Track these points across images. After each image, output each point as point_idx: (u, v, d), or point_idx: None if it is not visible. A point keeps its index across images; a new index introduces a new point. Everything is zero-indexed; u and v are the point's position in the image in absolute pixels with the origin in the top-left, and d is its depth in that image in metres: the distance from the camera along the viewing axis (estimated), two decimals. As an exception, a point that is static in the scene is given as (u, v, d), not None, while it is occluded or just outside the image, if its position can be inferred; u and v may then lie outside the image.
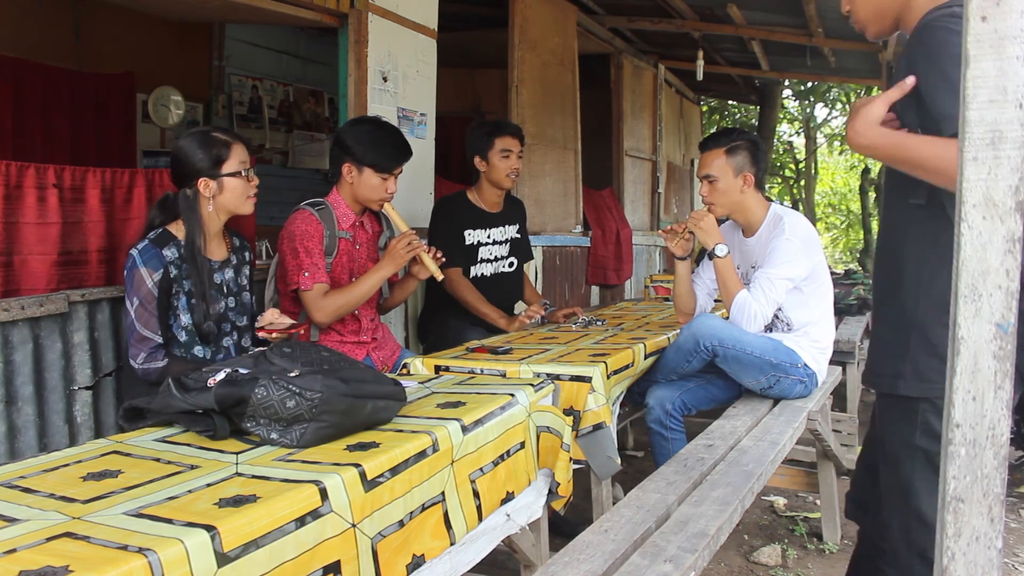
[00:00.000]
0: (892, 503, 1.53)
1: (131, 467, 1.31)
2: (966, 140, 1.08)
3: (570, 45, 5.38)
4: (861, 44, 5.91)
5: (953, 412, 1.10)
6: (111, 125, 4.46)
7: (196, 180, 2.05)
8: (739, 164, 2.58)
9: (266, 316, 2.15)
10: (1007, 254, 1.06)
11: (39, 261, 2.18)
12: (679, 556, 1.48)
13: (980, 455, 1.09)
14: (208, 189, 2.06)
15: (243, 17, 3.88)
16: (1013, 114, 1.05)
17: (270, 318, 2.14)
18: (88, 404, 2.22)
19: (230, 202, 2.10)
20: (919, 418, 1.43)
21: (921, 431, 1.43)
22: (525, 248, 3.36)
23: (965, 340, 1.08)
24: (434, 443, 1.51)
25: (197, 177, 2.06)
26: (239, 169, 2.09)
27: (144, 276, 1.96)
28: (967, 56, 1.07)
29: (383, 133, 2.53)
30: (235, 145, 2.10)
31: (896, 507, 1.51)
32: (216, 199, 2.08)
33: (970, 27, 1.06)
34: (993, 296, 1.07)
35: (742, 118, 12.90)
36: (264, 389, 1.43)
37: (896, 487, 1.50)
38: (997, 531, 1.09)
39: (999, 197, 1.06)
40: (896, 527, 1.52)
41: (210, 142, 2.08)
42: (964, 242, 1.07)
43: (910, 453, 1.45)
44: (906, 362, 1.44)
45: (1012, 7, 1.04)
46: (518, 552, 1.90)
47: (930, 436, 1.40)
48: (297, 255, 2.39)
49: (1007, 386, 1.07)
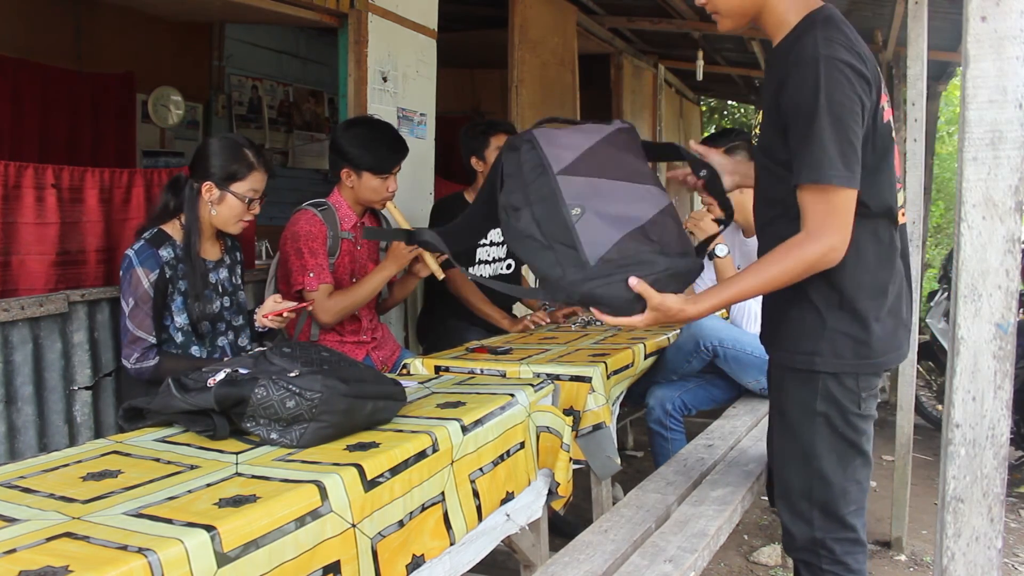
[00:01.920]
0: (793, 467, 1.59)
1: (131, 467, 1.31)
2: (966, 140, 1.08)
3: (570, 45, 5.37)
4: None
5: (953, 412, 1.10)
6: (111, 125, 4.46)
7: (204, 181, 2.06)
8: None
9: (267, 304, 2.15)
10: (1007, 254, 1.06)
11: (37, 261, 2.18)
12: (679, 556, 1.48)
13: (980, 455, 1.09)
14: (210, 194, 2.06)
15: (243, 17, 3.88)
16: (1013, 114, 1.05)
17: (271, 305, 2.14)
18: (88, 404, 2.22)
19: (222, 216, 2.10)
20: (819, 386, 1.51)
21: (822, 397, 1.52)
22: None
23: (965, 340, 1.08)
24: (434, 443, 1.51)
25: (206, 178, 2.06)
26: (246, 195, 2.09)
27: (141, 276, 1.96)
28: (967, 56, 1.07)
29: (377, 134, 2.53)
30: (256, 172, 2.10)
31: (797, 470, 1.58)
32: (213, 207, 2.08)
33: (970, 27, 1.06)
34: (993, 296, 1.07)
35: (742, 118, 12.90)
36: (264, 389, 1.43)
37: (797, 452, 1.57)
38: (997, 531, 1.09)
39: (999, 197, 1.06)
40: (797, 487, 1.58)
41: (235, 156, 2.08)
42: (964, 242, 1.07)
43: (811, 419, 1.53)
44: (823, 341, 1.51)
45: (1012, 7, 1.04)
46: (518, 552, 1.90)
47: (829, 401, 1.51)
48: (301, 255, 2.39)
49: (1007, 386, 1.07)
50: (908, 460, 3.09)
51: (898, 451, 3.11)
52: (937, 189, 9.80)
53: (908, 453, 3.10)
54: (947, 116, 10.83)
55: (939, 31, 4.38)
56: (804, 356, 1.53)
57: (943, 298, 4.68)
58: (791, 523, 1.61)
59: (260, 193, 2.13)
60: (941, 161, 10.60)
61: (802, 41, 1.45)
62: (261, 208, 2.17)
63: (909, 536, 3.13)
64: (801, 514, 1.59)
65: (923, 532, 3.27)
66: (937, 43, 4.40)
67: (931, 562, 2.99)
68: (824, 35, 1.43)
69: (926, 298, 5.43)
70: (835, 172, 1.38)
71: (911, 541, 3.13)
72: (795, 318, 1.55)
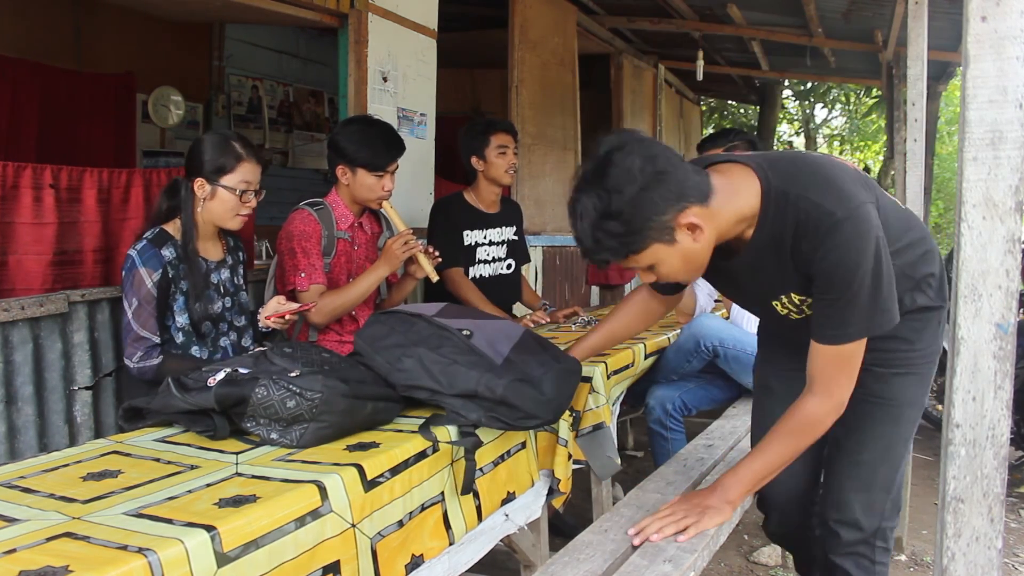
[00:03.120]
0: (890, 460, 1.72)
1: (131, 467, 1.31)
2: (966, 140, 1.08)
3: (570, 45, 5.37)
4: (861, 44, 5.92)
5: (953, 412, 1.10)
6: (111, 125, 4.46)
7: (195, 178, 2.05)
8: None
9: (269, 306, 2.13)
10: (1007, 254, 1.06)
11: (34, 261, 2.18)
12: (679, 556, 1.48)
13: (980, 455, 1.09)
14: (202, 191, 2.06)
15: (243, 17, 3.88)
16: (1013, 114, 1.05)
17: (274, 307, 2.12)
18: (88, 404, 2.22)
19: (216, 212, 2.09)
20: (928, 381, 1.71)
21: (926, 391, 1.74)
22: (523, 250, 3.36)
23: (965, 340, 1.08)
24: (434, 443, 1.51)
25: (197, 175, 2.05)
26: (237, 187, 2.07)
27: (144, 276, 1.96)
28: (967, 56, 1.07)
29: (373, 131, 2.52)
30: (245, 163, 2.09)
31: (893, 463, 1.73)
32: (206, 203, 2.07)
33: (970, 27, 1.06)
34: (993, 296, 1.07)
35: (742, 118, 12.90)
36: (264, 389, 1.43)
37: (897, 445, 1.73)
38: (997, 531, 1.09)
39: (999, 197, 1.06)
40: (883, 480, 1.71)
41: (223, 149, 2.07)
42: (964, 242, 1.07)
43: (917, 411, 1.73)
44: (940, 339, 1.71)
45: (1012, 7, 1.04)
46: (518, 552, 1.90)
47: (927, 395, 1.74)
48: (295, 255, 2.38)
49: (1007, 386, 1.07)
50: (908, 460, 3.09)
51: (898, 451, 3.11)
52: (937, 189, 9.81)
53: (908, 453, 3.09)
54: (947, 116, 10.84)
55: (939, 31, 4.39)
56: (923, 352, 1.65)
57: (943, 298, 4.67)
58: (864, 517, 1.67)
59: (253, 185, 2.11)
60: (941, 161, 10.61)
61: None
62: (259, 203, 2.16)
63: (909, 536, 3.13)
64: (875, 506, 1.66)
65: (923, 532, 3.27)
66: (937, 43, 4.41)
67: (931, 562, 2.99)
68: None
69: (926, 298, 5.42)
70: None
71: (911, 541, 3.14)
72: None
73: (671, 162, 1.36)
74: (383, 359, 1.68)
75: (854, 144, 14.21)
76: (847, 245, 1.35)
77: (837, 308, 1.40)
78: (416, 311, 1.81)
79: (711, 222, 1.40)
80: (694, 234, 1.38)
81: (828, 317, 1.42)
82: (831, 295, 1.40)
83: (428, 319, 1.76)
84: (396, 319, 1.80)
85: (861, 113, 12.64)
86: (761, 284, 1.54)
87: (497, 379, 1.59)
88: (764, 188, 1.43)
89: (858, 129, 13.19)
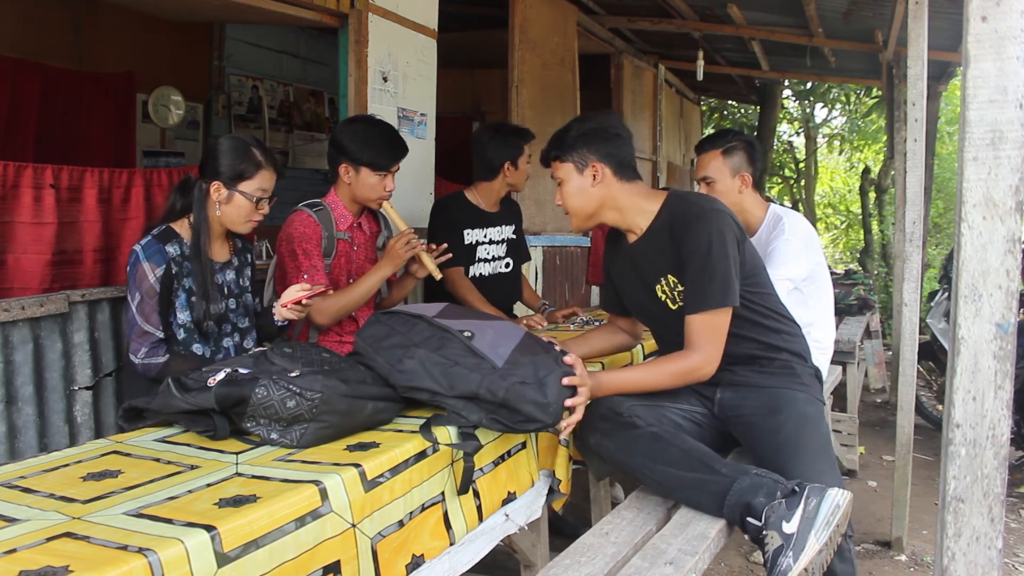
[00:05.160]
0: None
1: (131, 467, 1.31)
2: (966, 140, 1.08)
3: (570, 45, 5.38)
4: (861, 44, 5.91)
5: (953, 412, 1.10)
6: (111, 125, 4.46)
7: (212, 181, 2.05)
8: (736, 165, 2.57)
9: (289, 292, 2.10)
10: (1007, 254, 1.06)
11: (32, 260, 2.18)
12: (679, 558, 1.48)
13: (980, 455, 1.09)
14: (219, 194, 2.06)
15: (243, 17, 3.88)
16: (1013, 114, 1.05)
17: (294, 293, 2.09)
18: (88, 404, 2.22)
19: (231, 216, 2.09)
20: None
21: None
22: (522, 250, 3.36)
23: (965, 340, 1.08)
24: (434, 443, 1.51)
25: (215, 178, 2.05)
26: (254, 194, 2.08)
27: (147, 271, 1.96)
28: (968, 56, 1.07)
29: (378, 131, 2.52)
30: (264, 171, 2.10)
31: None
32: (222, 207, 2.07)
33: (970, 27, 1.06)
34: (993, 296, 1.07)
35: (742, 118, 12.90)
36: (264, 389, 1.43)
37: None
38: (997, 531, 1.09)
39: (999, 197, 1.06)
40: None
41: (243, 155, 2.07)
42: (964, 242, 1.07)
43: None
44: None
45: (1012, 7, 1.04)
46: (518, 552, 1.90)
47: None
48: (296, 257, 2.38)
49: (1007, 386, 1.07)
50: (908, 460, 3.09)
51: (898, 451, 3.11)
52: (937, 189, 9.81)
53: (908, 453, 3.10)
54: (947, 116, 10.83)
55: (939, 31, 4.38)
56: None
57: (943, 298, 4.68)
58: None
59: (268, 192, 2.12)
60: (941, 161, 10.60)
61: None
62: (270, 208, 2.17)
63: (909, 536, 3.13)
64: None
65: (923, 532, 3.27)
66: (937, 43, 4.41)
67: (931, 562, 2.99)
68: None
69: (926, 298, 5.43)
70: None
71: (911, 541, 3.14)
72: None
73: (624, 142, 1.96)
74: (384, 360, 1.68)
75: (854, 144, 14.20)
76: (703, 228, 1.82)
77: (699, 281, 1.81)
78: (417, 312, 1.80)
79: (616, 191, 1.94)
80: (594, 179, 1.93)
81: (693, 291, 1.83)
82: (694, 267, 1.81)
83: (429, 320, 1.76)
84: (397, 320, 1.79)
85: (861, 113, 12.63)
86: (651, 264, 1.94)
87: (499, 381, 1.58)
88: (666, 196, 1.96)
89: (858, 129, 13.18)
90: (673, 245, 1.86)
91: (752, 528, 1.57)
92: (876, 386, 6.07)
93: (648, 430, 1.80)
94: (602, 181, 1.92)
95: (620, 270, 2.10)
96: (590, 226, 2.03)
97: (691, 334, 1.84)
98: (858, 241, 13.27)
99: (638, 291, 2.03)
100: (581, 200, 1.95)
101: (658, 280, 1.93)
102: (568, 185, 1.96)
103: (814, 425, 1.85)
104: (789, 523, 1.50)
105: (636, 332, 2.28)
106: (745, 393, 1.94)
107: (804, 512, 1.50)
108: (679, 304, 1.90)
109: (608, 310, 2.27)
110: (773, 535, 1.50)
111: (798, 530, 1.49)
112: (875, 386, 6.07)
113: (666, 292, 1.93)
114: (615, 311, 2.24)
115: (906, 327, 3.17)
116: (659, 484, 1.77)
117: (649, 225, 1.94)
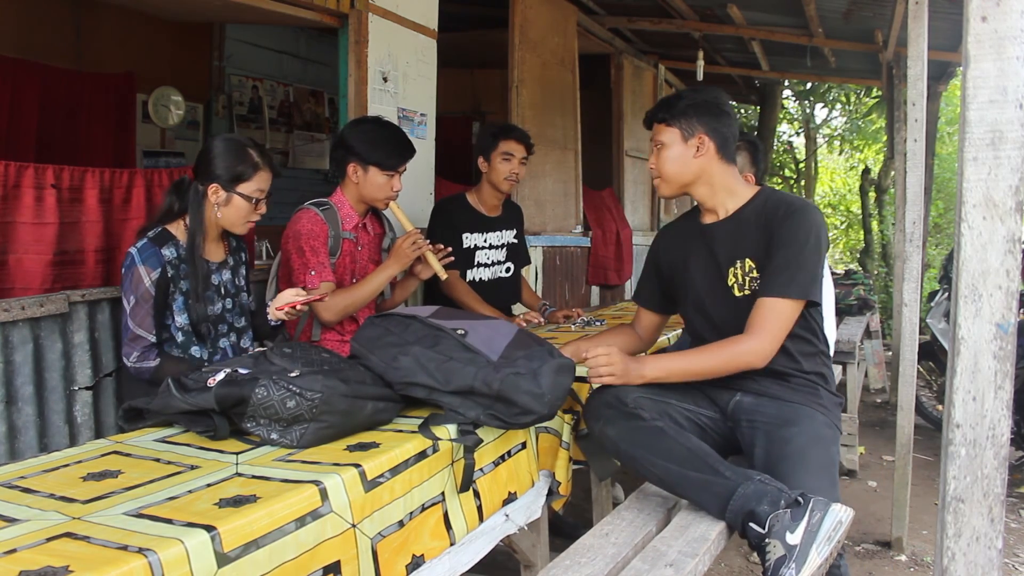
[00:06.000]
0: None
1: (131, 467, 1.31)
2: (966, 140, 1.08)
3: (570, 45, 5.37)
4: (861, 44, 5.91)
5: (953, 412, 1.10)
6: (111, 125, 4.45)
7: (209, 183, 2.05)
8: (739, 165, 2.57)
9: (285, 295, 2.09)
10: (1007, 254, 1.06)
11: (33, 261, 2.17)
12: (680, 560, 1.48)
13: (980, 455, 1.09)
14: (216, 196, 2.06)
15: (243, 17, 3.88)
16: (1013, 114, 1.05)
17: (289, 297, 2.09)
18: (88, 404, 2.22)
19: (229, 218, 2.09)
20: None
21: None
22: (523, 254, 3.36)
23: (965, 340, 1.08)
24: (434, 443, 1.51)
25: (212, 180, 2.05)
26: (253, 195, 2.08)
27: (142, 274, 1.96)
28: (967, 56, 1.07)
29: (386, 131, 2.53)
30: (261, 172, 2.10)
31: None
32: (220, 209, 2.07)
33: (970, 27, 1.06)
34: (993, 296, 1.07)
35: (742, 118, 12.90)
36: (264, 389, 1.43)
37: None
38: (997, 531, 1.09)
39: (999, 197, 1.06)
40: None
41: (240, 157, 2.07)
42: (964, 242, 1.07)
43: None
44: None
45: (1012, 7, 1.04)
46: (518, 552, 1.90)
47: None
48: (303, 254, 2.38)
49: (1007, 386, 1.07)
50: (908, 460, 3.09)
51: (898, 451, 3.11)
52: (937, 189, 9.80)
53: (908, 453, 3.10)
54: (947, 116, 10.83)
55: (939, 31, 4.38)
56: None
57: (943, 298, 4.67)
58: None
59: (266, 192, 2.12)
60: (941, 161, 10.60)
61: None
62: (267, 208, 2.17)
63: (909, 536, 3.13)
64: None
65: (923, 532, 3.27)
66: (937, 43, 4.41)
67: (931, 562, 2.99)
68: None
69: (926, 298, 5.43)
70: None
71: (911, 541, 3.14)
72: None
73: (732, 121, 1.95)
74: (379, 358, 1.68)
75: (854, 144, 14.20)
76: (804, 220, 1.82)
77: (788, 267, 1.78)
78: (411, 313, 1.82)
79: (714, 167, 1.93)
80: (698, 151, 1.91)
81: (777, 276, 1.80)
82: (786, 253, 1.79)
83: (423, 320, 1.77)
84: (391, 321, 1.80)
85: (861, 113, 12.63)
86: (731, 245, 1.92)
87: (493, 374, 1.59)
88: (761, 188, 1.98)
89: (858, 129, 13.18)
90: (763, 232, 1.85)
91: (754, 534, 1.56)
92: (876, 386, 6.07)
93: (653, 423, 1.78)
94: (704, 154, 1.91)
95: (681, 256, 2.05)
96: (676, 195, 2.01)
97: (758, 316, 1.79)
98: (858, 241, 13.27)
99: (704, 274, 1.98)
100: (678, 167, 1.93)
101: (733, 263, 1.90)
102: (669, 151, 1.93)
103: (825, 446, 1.80)
104: (793, 534, 1.49)
105: (652, 338, 2.24)
106: (765, 401, 1.90)
107: (808, 525, 1.50)
108: (746, 292, 1.87)
109: (641, 303, 2.21)
110: (776, 544, 1.50)
111: (801, 542, 1.48)
112: (875, 386, 6.07)
113: (738, 276, 1.89)
114: (649, 305, 2.19)
115: (906, 327, 3.17)
116: (659, 479, 1.76)
117: (738, 208, 1.93)
